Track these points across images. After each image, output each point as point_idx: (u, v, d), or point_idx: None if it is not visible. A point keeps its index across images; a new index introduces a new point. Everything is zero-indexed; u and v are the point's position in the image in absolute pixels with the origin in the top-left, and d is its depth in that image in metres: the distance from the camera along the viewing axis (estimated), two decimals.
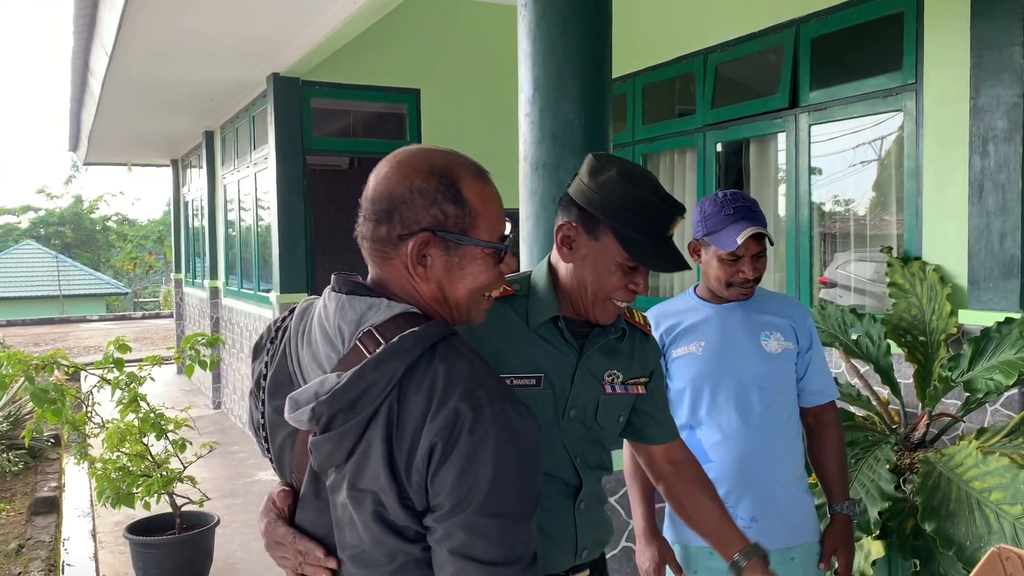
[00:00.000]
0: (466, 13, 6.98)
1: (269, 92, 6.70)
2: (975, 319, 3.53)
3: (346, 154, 8.80)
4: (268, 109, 6.78)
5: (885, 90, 4.08)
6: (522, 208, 2.78)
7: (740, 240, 2.05)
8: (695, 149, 5.43)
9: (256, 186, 7.84)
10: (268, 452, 1.33)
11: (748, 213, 2.08)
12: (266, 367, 1.29)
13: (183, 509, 4.44)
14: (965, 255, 3.65)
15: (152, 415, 4.33)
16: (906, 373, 3.57)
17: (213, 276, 9.94)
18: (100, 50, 6.35)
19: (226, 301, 9.36)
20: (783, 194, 4.82)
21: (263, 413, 1.30)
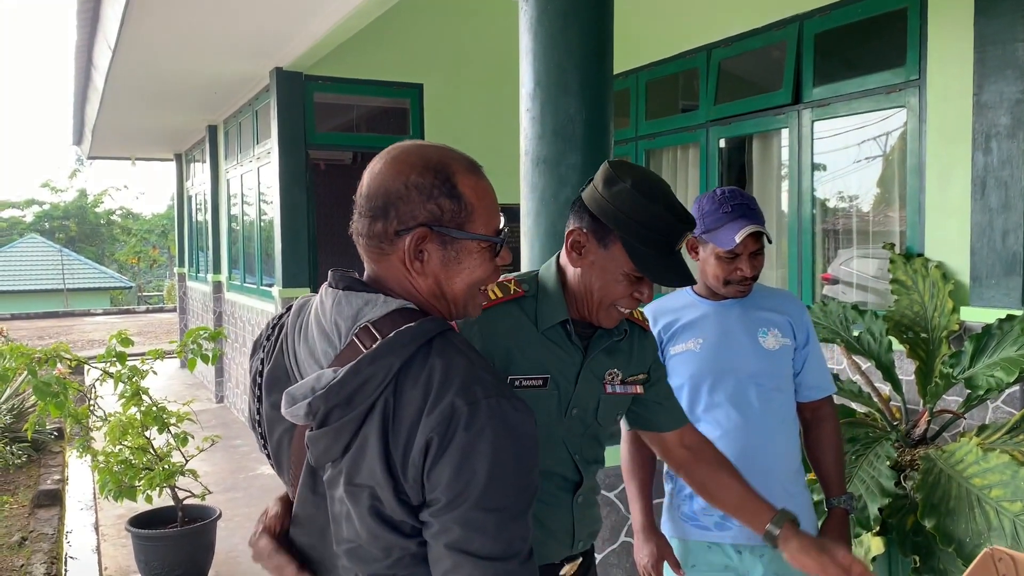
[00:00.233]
0: (469, 7, 6.97)
1: (272, 86, 6.69)
2: (977, 316, 3.52)
3: (349, 149, 8.81)
4: (271, 103, 6.78)
5: (888, 86, 4.07)
6: (523, 204, 2.77)
7: (739, 239, 2.04)
8: (698, 145, 5.43)
9: (259, 180, 7.84)
10: (265, 448, 1.33)
11: (746, 211, 2.08)
12: (263, 363, 1.29)
13: (185, 502, 4.46)
14: (967, 252, 3.65)
15: (154, 409, 4.34)
16: (907, 370, 3.57)
17: (216, 270, 9.96)
18: (103, 44, 6.35)
19: (229, 295, 9.38)
20: (786, 190, 4.81)
21: (260, 409, 1.30)
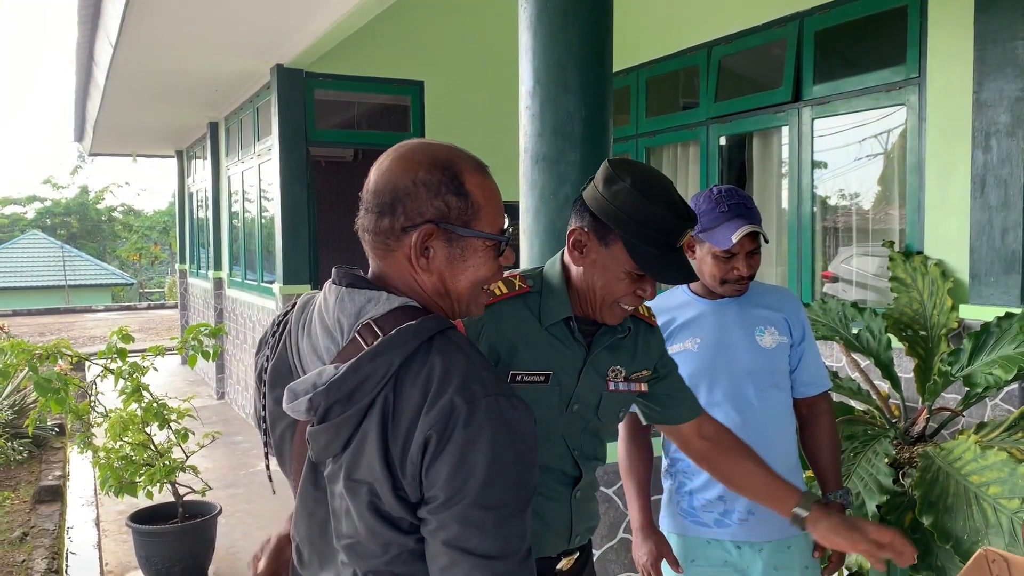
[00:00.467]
0: (470, 5, 6.97)
1: (273, 83, 6.70)
2: (976, 314, 3.53)
3: (350, 146, 8.81)
4: (272, 100, 6.79)
5: (888, 84, 4.07)
6: (522, 201, 2.77)
7: (736, 239, 2.03)
8: (698, 143, 5.43)
9: (260, 177, 7.85)
10: (266, 444, 1.34)
11: (743, 210, 2.07)
12: (267, 359, 1.31)
13: (185, 498, 4.47)
14: (967, 249, 3.65)
15: (155, 405, 4.35)
16: (906, 367, 3.58)
17: (217, 267, 9.96)
18: (104, 41, 6.36)
19: (230, 292, 9.39)
20: (786, 188, 4.82)
21: (264, 404, 1.31)
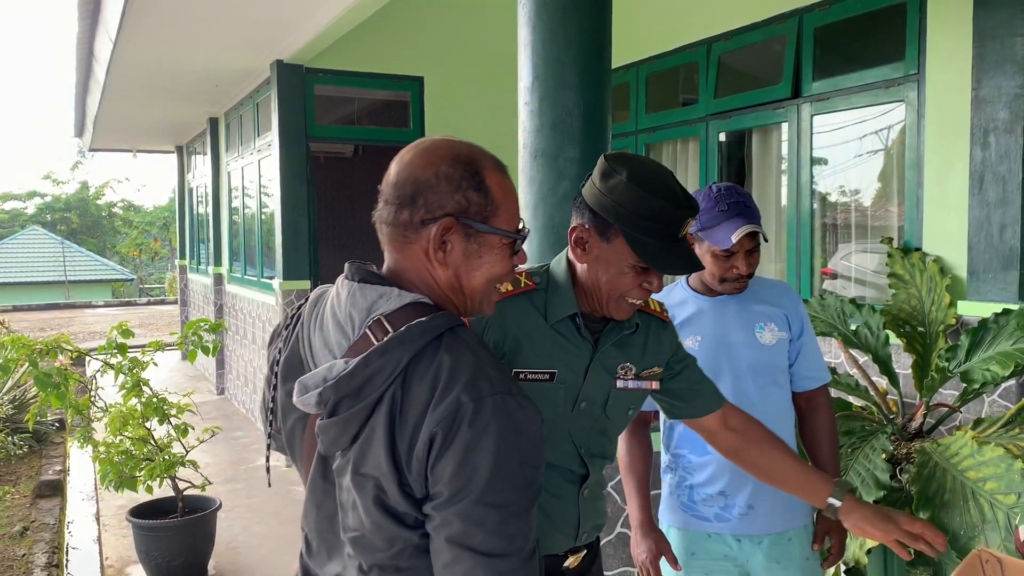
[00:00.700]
0: (470, 0, 6.96)
1: (273, 79, 6.70)
2: (974, 310, 3.53)
3: (350, 141, 8.80)
4: (272, 96, 6.79)
5: (887, 80, 4.08)
6: (521, 197, 2.78)
7: (735, 239, 2.04)
8: (698, 139, 5.43)
9: (260, 173, 7.85)
10: (269, 437, 1.35)
11: (743, 209, 2.07)
12: (280, 352, 1.32)
13: (185, 493, 4.48)
14: (965, 246, 3.66)
15: (155, 400, 4.36)
16: (904, 363, 3.58)
17: (217, 263, 9.97)
18: (104, 36, 6.36)
19: (230, 288, 9.39)
20: (785, 184, 4.82)
21: (275, 397, 1.33)
